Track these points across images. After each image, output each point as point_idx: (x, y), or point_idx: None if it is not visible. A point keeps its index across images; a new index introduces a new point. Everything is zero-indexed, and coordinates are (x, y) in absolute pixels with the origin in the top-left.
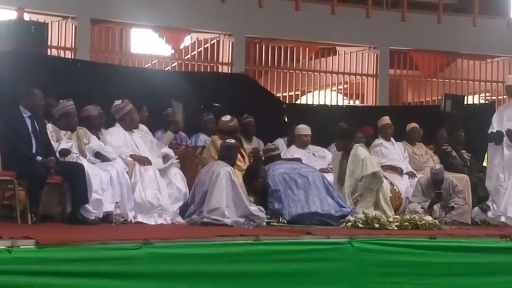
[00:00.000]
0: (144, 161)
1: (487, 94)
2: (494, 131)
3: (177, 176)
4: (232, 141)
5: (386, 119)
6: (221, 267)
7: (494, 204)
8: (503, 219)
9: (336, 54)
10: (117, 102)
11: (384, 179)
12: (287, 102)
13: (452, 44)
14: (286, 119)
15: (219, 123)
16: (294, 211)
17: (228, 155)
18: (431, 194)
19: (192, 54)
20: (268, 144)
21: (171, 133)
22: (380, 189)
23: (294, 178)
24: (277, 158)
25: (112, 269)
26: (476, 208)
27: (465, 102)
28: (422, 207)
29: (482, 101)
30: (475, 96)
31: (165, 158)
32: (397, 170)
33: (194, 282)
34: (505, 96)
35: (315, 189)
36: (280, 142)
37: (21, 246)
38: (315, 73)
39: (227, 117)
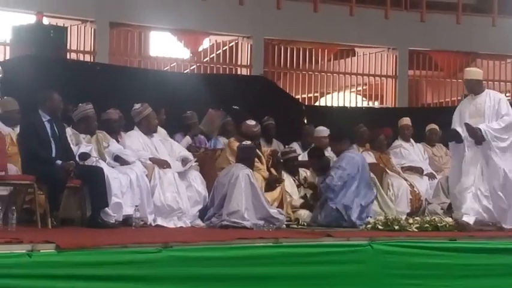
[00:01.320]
0: (163, 164)
1: (507, 94)
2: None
3: (196, 179)
4: (248, 142)
5: (405, 120)
6: (241, 270)
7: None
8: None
9: (354, 56)
10: (137, 106)
11: (403, 180)
12: (306, 104)
13: (471, 44)
14: (305, 121)
15: (242, 126)
16: (346, 200)
17: (245, 157)
18: None
19: (211, 56)
20: (286, 147)
21: (189, 138)
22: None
23: (365, 175)
24: (295, 160)
25: (132, 272)
26: None
27: None
28: (442, 208)
29: None
30: None
31: (184, 161)
32: (418, 171)
33: (214, 285)
34: None
35: (371, 195)
36: (295, 147)
37: (41, 250)
38: (334, 74)
39: (252, 122)
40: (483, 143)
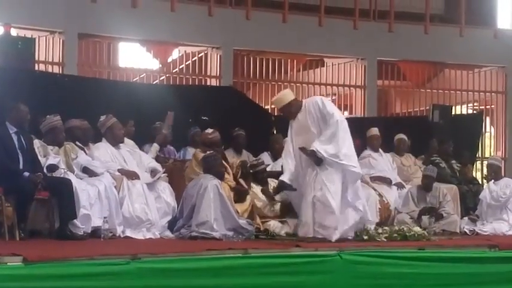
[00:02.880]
0: (132, 175)
1: (475, 104)
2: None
3: (165, 190)
4: (210, 152)
5: (373, 131)
6: (210, 282)
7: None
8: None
9: (323, 66)
10: (102, 117)
11: (372, 190)
12: (275, 114)
13: (439, 54)
14: (275, 131)
15: (201, 136)
16: None
17: (209, 166)
18: (422, 204)
19: (180, 67)
20: (254, 159)
21: (157, 145)
22: None
23: None
24: (264, 172)
25: (100, 284)
26: (465, 218)
27: (453, 112)
28: (411, 217)
29: (470, 111)
30: (463, 106)
31: (153, 172)
32: (386, 181)
33: None
34: (492, 106)
35: None
36: (265, 157)
37: (8, 263)
38: (303, 85)
39: (209, 130)
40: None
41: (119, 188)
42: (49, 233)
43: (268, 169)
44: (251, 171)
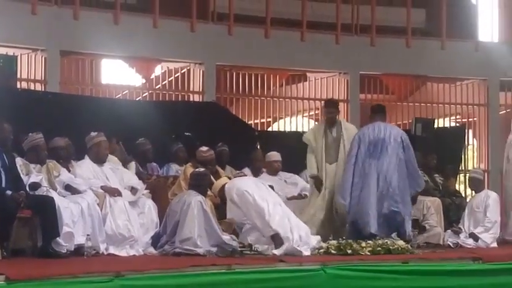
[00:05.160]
0: (115, 192)
1: (458, 117)
2: None
3: (148, 206)
4: (202, 169)
5: None
6: None
7: None
8: None
9: (306, 81)
10: (93, 133)
11: None
12: (259, 129)
13: (421, 68)
14: (258, 146)
15: (196, 153)
16: None
17: (198, 184)
18: None
19: (163, 83)
20: (237, 172)
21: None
22: None
23: None
24: None
25: None
26: (449, 231)
27: (436, 125)
28: None
29: (452, 124)
30: (445, 119)
31: (133, 189)
32: None
33: None
34: (475, 118)
35: None
36: (246, 172)
37: None
38: (286, 100)
39: (204, 148)
40: None
41: (101, 205)
42: (32, 252)
43: None
44: None
